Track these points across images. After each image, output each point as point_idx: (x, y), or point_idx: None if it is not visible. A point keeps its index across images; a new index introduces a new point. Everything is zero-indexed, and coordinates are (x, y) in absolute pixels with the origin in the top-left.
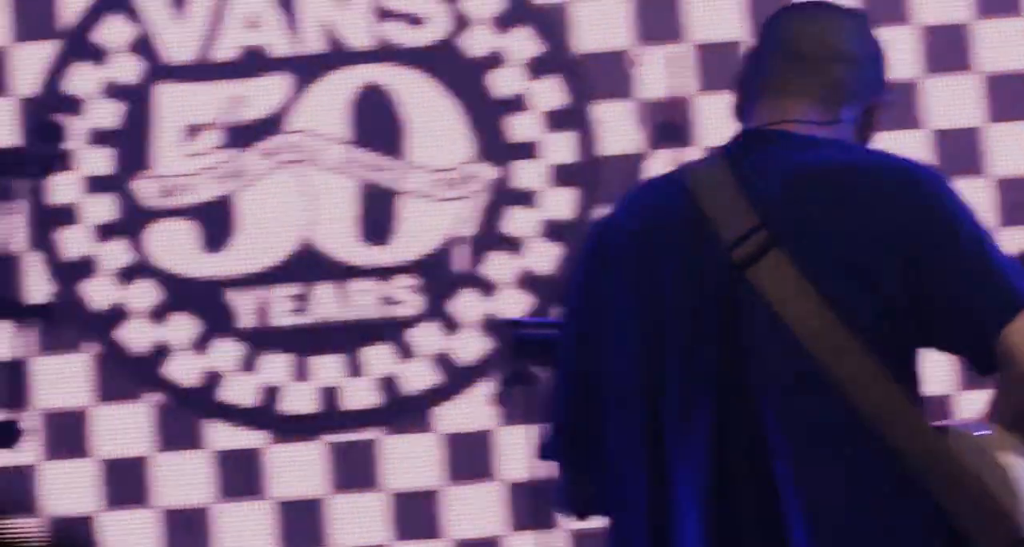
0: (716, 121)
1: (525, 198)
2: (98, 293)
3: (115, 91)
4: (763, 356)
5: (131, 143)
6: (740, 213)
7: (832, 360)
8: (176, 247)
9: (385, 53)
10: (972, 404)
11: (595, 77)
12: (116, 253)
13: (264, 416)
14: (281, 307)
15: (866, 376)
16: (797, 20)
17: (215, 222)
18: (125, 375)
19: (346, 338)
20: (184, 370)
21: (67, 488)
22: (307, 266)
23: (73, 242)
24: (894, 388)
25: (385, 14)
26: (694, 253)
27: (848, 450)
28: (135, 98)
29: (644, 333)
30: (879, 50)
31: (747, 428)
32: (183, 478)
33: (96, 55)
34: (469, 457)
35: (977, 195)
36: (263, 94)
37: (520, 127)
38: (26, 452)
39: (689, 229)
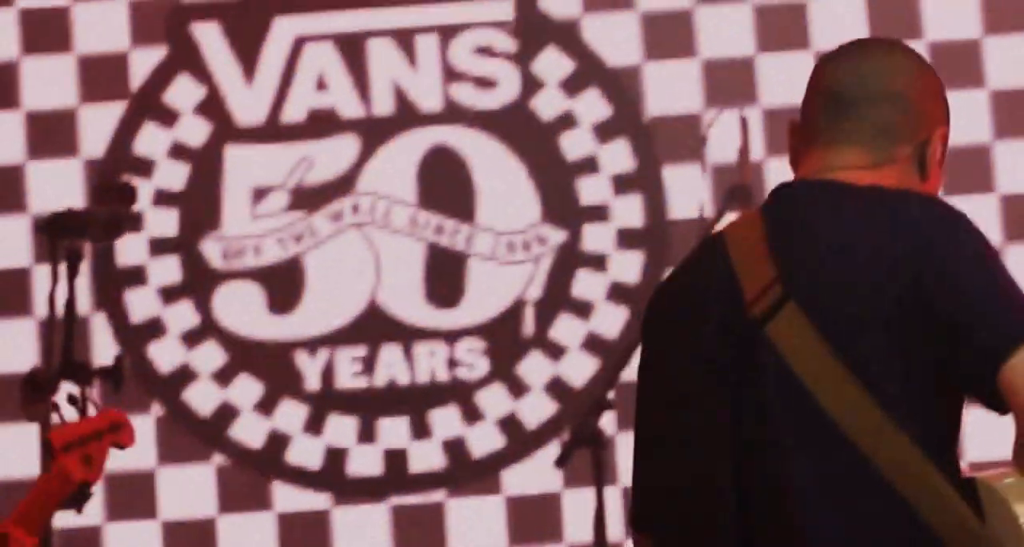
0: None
1: (593, 261)
2: (164, 355)
3: (183, 152)
4: (781, 413)
5: (198, 204)
6: (761, 268)
7: (845, 417)
8: (242, 309)
9: (455, 115)
10: None
11: (664, 140)
12: (182, 315)
13: (329, 478)
14: (347, 369)
15: (879, 432)
16: (843, 63)
17: (282, 284)
18: (191, 437)
19: (412, 401)
20: (250, 432)
21: None
22: (374, 328)
23: (140, 304)
24: (908, 444)
25: (455, 76)
26: (723, 310)
27: (863, 506)
28: (203, 159)
29: (679, 392)
30: (932, 83)
31: (766, 489)
32: (248, 540)
33: (165, 116)
34: (535, 520)
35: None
36: (332, 156)
37: (589, 190)
38: (92, 513)
39: (721, 286)
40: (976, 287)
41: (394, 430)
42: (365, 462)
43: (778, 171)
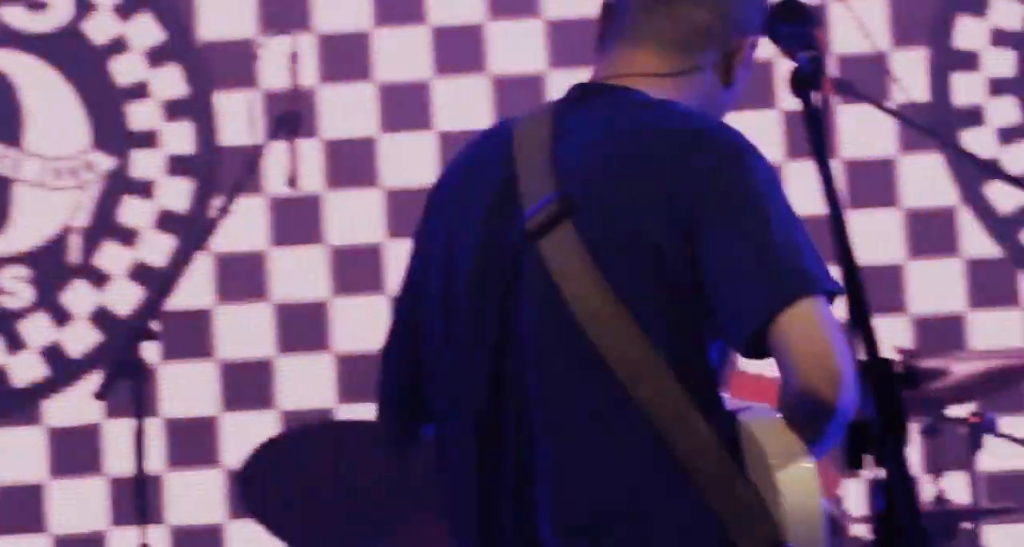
0: (338, 112)
1: (141, 188)
2: None
3: None
4: (542, 332)
5: None
6: (542, 179)
7: (607, 345)
8: None
9: (5, 39)
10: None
11: (217, 66)
12: None
13: None
14: None
15: (639, 362)
16: None
17: None
18: None
19: None
20: None
21: None
22: None
23: None
24: (666, 374)
25: None
26: (496, 214)
27: (614, 433)
28: None
29: (445, 293)
30: None
31: (518, 401)
32: None
33: None
34: (75, 451)
35: None
36: None
37: (139, 116)
38: None
39: (498, 188)
40: (749, 236)
41: None
42: None
43: (331, 98)
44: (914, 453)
